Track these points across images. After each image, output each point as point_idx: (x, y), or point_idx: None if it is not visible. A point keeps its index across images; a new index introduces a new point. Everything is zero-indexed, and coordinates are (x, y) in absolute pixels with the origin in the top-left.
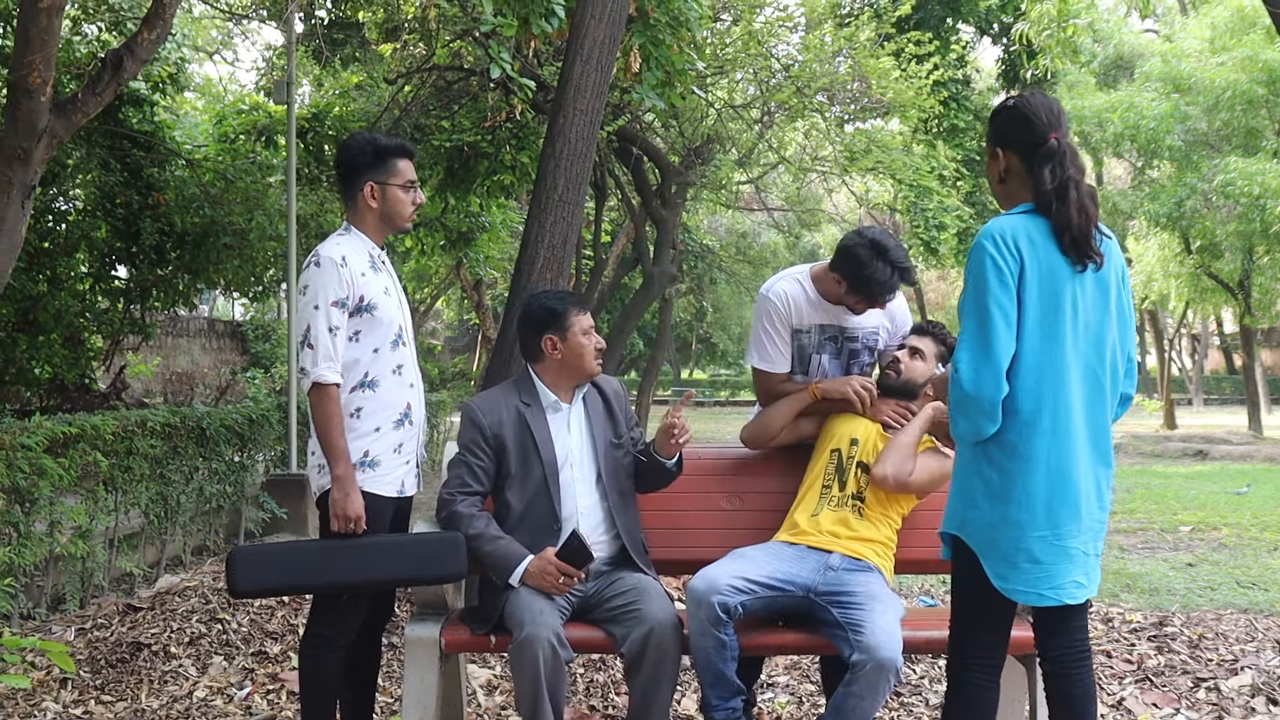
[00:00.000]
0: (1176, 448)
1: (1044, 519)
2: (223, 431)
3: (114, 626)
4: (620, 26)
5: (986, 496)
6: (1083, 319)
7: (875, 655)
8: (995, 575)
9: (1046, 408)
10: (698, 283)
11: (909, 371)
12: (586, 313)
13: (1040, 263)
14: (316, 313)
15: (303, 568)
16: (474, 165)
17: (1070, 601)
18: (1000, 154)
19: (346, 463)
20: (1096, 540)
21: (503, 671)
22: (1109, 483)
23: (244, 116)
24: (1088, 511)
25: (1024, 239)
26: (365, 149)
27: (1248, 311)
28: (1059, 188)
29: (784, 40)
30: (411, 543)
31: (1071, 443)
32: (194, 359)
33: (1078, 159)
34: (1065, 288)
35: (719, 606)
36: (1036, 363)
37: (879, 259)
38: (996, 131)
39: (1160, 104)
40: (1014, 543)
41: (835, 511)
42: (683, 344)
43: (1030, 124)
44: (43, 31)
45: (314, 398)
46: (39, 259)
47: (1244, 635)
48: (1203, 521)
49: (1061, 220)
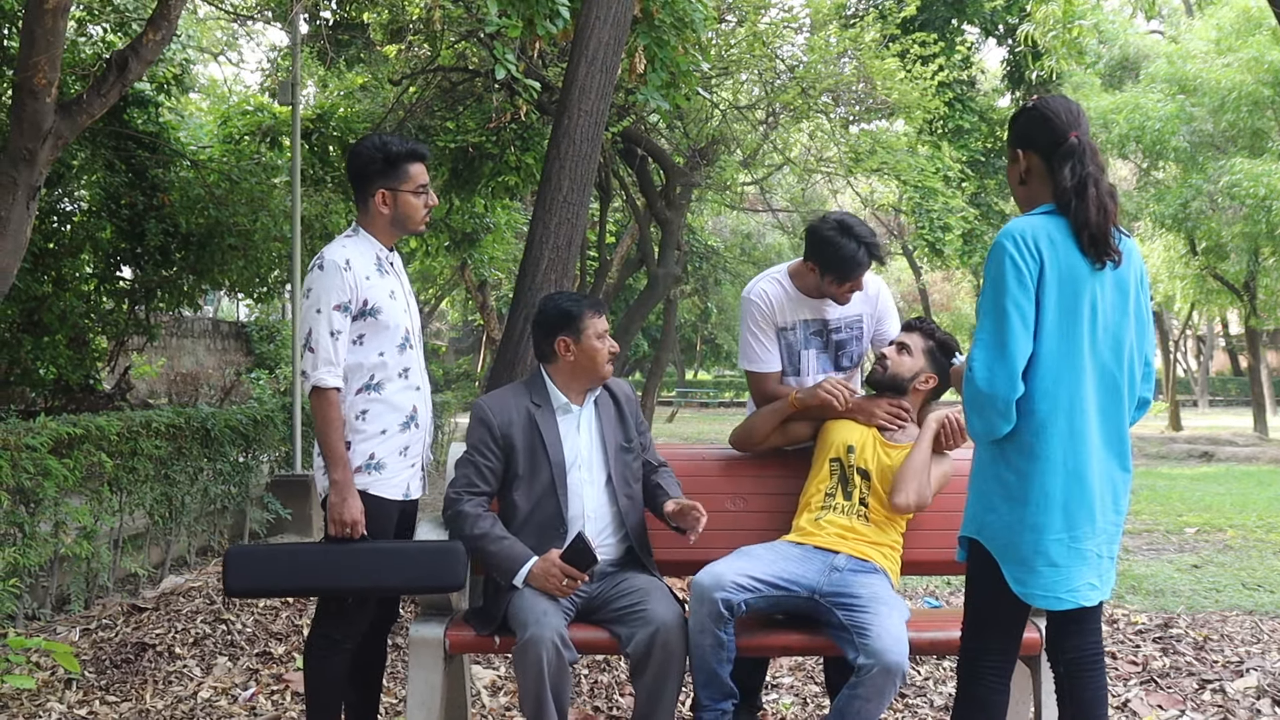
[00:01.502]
0: (1182, 449)
1: (1061, 521)
2: (227, 432)
3: (119, 627)
4: (625, 28)
5: (1004, 499)
6: (1101, 321)
7: (882, 660)
8: (1014, 580)
9: (1063, 410)
10: (702, 284)
11: (895, 366)
12: (602, 316)
13: (1060, 264)
14: (319, 316)
15: (299, 570)
16: (479, 166)
17: (1085, 604)
18: (1021, 155)
19: (345, 468)
20: (1111, 543)
21: (507, 672)
22: (1126, 486)
23: (249, 117)
24: (1103, 514)
25: (1044, 239)
26: (375, 156)
27: (1253, 313)
28: (1078, 185)
29: (789, 41)
30: (411, 550)
31: (1087, 445)
32: (199, 360)
33: (1098, 157)
34: (1085, 289)
35: (722, 603)
36: (1054, 365)
37: (844, 236)
38: (1017, 133)
39: (1166, 105)
40: (1032, 546)
41: (842, 518)
42: (687, 345)
43: (1050, 123)
44: (48, 32)
45: (314, 402)
46: (44, 260)
47: (1249, 637)
48: (1208, 523)
49: (1080, 217)
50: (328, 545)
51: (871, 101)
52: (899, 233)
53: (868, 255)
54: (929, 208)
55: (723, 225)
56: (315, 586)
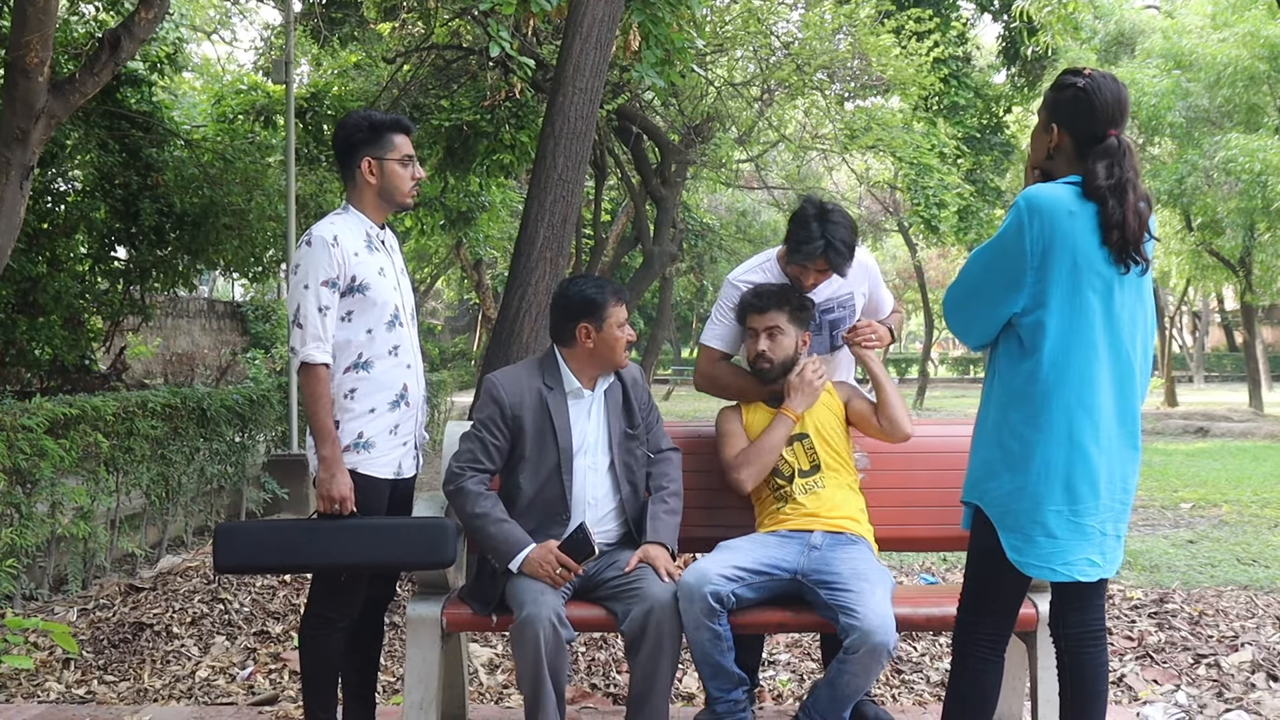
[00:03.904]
0: (1177, 425)
1: (1061, 493)
2: (223, 412)
3: (116, 607)
4: (619, 4)
5: (1006, 467)
6: (1118, 299)
7: (870, 640)
8: (1010, 548)
9: (1072, 381)
10: (698, 261)
11: (777, 352)
12: (623, 304)
13: (1078, 238)
14: (306, 292)
15: (288, 547)
16: (473, 144)
17: (1082, 579)
18: (1055, 130)
19: (333, 444)
20: (1118, 521)
21: (504, 650)
22: (1135, 466)
23: (242, 96)
24: (1109, 491)
25: (1063, 213)
26: (361, 124)
27: (1249, 288)
28: (1117, 187)
29: (784, 18)
30: (400, 526)
31: (1096, 420)
32: (194, 340)
33: (1134, 158)
34: (1101, 267)
35: (711, 597)
36: (1064, 335)
37: (817, 221)
38: (1060, 109)
39: (1161, 80)
40: (1030, 515)
41: (803, 499)
42: (683, 323)
43: (1095, 113)
44: (40, 11)
45: (302, 378)
46: (38, 240)
47: (1244, 612)
48: (1203, 499)
49: (1114, 219)
50: (317, 522)
51: (867, 78)
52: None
53: (823, 250)
54: (924, 184)
55: (718, 203)
56: (305, 563)
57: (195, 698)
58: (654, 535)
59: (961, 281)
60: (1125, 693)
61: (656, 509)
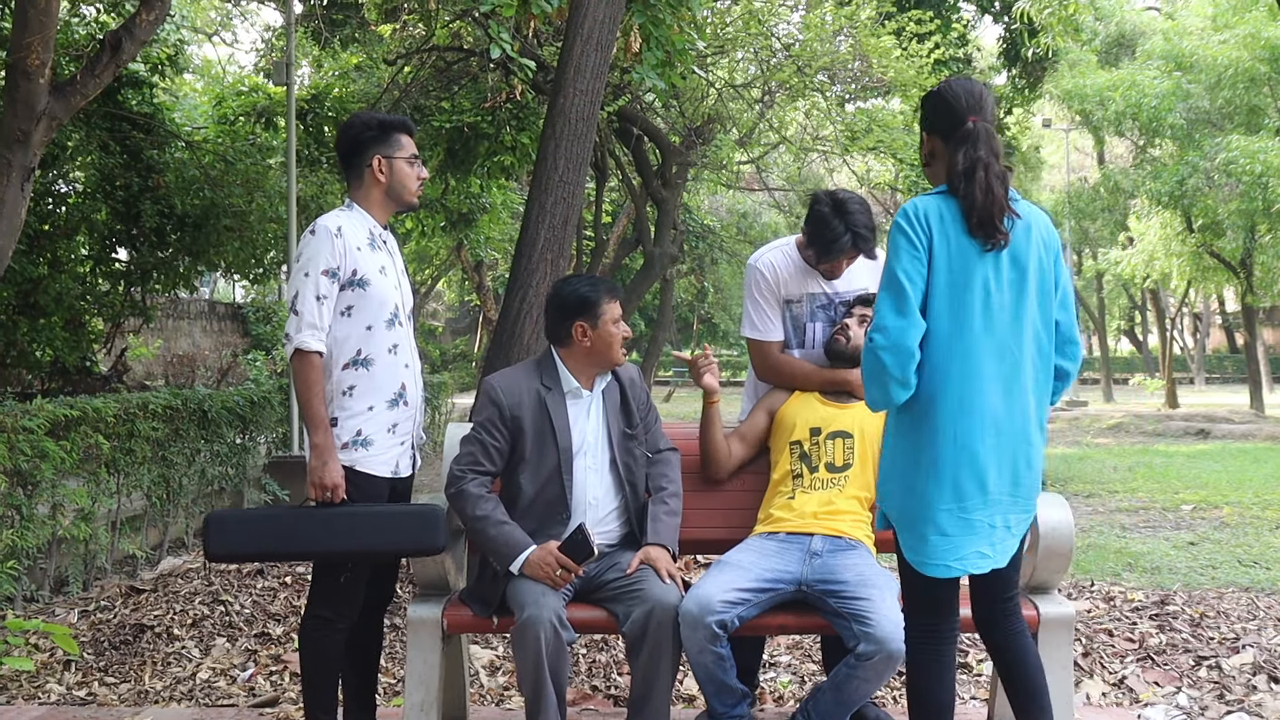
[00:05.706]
0: (1178, 427)
1: (950, 492)
2: (224, 414)
3: (117, 609)
4: (620, 6)
5: (900, 471)
6: (997, 299)
7: (885, 648)
8: (907, 548)
9: (953, 385)
10: (699, 263)
11: (858, 340)
12: (618, 301)
13: (950, 242)
14: (306, 280)
15: (279, 534)
16: (474, 146)
17: (974, 571)
18: (926, 138)
19: (325, 431)
20: (1007, 513)
21: (505, 652)
22: (1029, 458)
23: (243, 98)
24: (997, 485)
25: (935, 218)
26: (370, 123)
27: (1249, 290)
28: (968, 168)
29: (784, 19)
30: (390, 513)
31: (980, 420)
32: (195, 341)
33: (993, 142)
34: (976, 268)
35: (715, 625)
36: (944, 341)
37: (836, 217)
38: (923, 116)
39: (1162, 82)
40: (923, 515)
41: (812, 493)
42: (684, 324)
43: (950, 107)
44: (41, 13)
45: (295, 364)
46: (39, 242)
47: (1245, 614)
48: (1204, 500)
49: (968, 200)
50: (308, 510)
51: (867, 80)
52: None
53: (852, 242)
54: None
55: (719, 204)
56: (295, 551)
57: (196, 699)
58: (654, 537)
59: (885, 302)
60: (1126, 694)
61: (657, 510)
